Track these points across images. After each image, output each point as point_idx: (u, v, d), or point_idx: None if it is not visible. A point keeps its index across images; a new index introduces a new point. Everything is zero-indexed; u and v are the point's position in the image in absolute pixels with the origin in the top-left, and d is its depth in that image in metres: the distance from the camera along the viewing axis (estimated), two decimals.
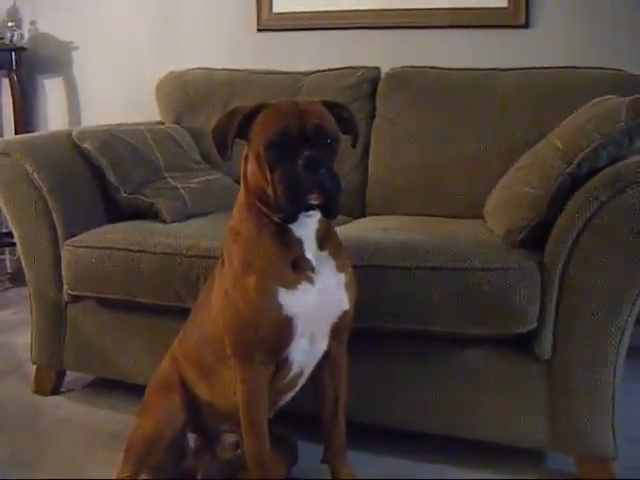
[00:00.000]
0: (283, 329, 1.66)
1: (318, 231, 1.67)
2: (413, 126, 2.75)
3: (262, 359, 1.68)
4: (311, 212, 1.59)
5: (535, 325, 1.89)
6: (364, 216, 2.77)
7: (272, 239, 1.65)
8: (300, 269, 1.65)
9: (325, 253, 1.70)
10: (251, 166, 1.63)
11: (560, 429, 1.94)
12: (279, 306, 1.64)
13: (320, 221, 1.67)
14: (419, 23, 3.13)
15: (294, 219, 1.59)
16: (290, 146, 1.54)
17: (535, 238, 1.94)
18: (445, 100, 2.73)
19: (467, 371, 2.01)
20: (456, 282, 1.92)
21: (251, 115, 1.64)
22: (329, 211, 1.60)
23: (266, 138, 1.57)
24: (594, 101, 2.10)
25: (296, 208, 1.56)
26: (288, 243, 1.65)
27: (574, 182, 1.87)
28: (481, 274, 1.90)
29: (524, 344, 1.93)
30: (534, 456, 2.11)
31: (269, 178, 1.57)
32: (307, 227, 1.65)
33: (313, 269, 1.66)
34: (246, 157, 1.66)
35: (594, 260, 1.82)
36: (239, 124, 1.63)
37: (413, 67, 2.86)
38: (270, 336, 1.66)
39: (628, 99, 1.92)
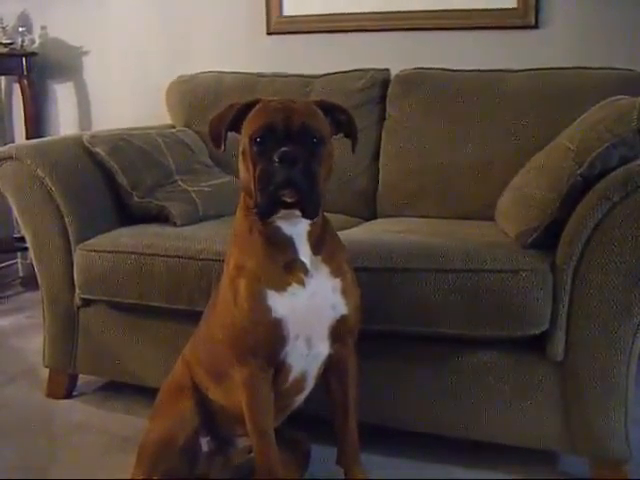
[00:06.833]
0: (274, 331, 1.65)
1: (310, 233, 1.66)
2: (423, 128, 2.75)
3: (259, 363, 1.68)
4: (296, 212, 1.58)
5: (547, 327, 1.89)
6: (375, 218, 2.77)
7: (262, 239, 1.65)
8: (292, 271, 1.65)
9: (319, 258, 1.68)
10: (240, 161, 1.64)
11: (573, 431, 1.93)
12: (268, 308, 1.64)
13: (312, 223, 1.66)
14: (428, 25, 3.12)
15: (269, 214, 1.58)
16: (273, 141, 1.55)
17: (547, 239, 1.94)
18: (455, 102, 2.73)
19: (479, 373, 2.01)
20: (468, 284, 1.91)
21: (245, 109, 1.66)
22: (305, 210, 1.58)
23: (252, 131, 1.59)
24: (605, 101, 2.09)
25: (269, 203, 1.55)
26: (279, 243, 1.65)
27: (586, 183, 1.87)
28: (493, 276, 1.90)
29: (537, 346, 1.93)
30: (547, 458, 2.10)
31: (252, 172, 1.58)
32: (296, 226, 1.64)
33: (307, 272, 1.66)
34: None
35: (606, 261, 1.81)
36: (233, 117, 1.67)
37: (423, 69, 2.86)
38: (262, 339, 1.66)
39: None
